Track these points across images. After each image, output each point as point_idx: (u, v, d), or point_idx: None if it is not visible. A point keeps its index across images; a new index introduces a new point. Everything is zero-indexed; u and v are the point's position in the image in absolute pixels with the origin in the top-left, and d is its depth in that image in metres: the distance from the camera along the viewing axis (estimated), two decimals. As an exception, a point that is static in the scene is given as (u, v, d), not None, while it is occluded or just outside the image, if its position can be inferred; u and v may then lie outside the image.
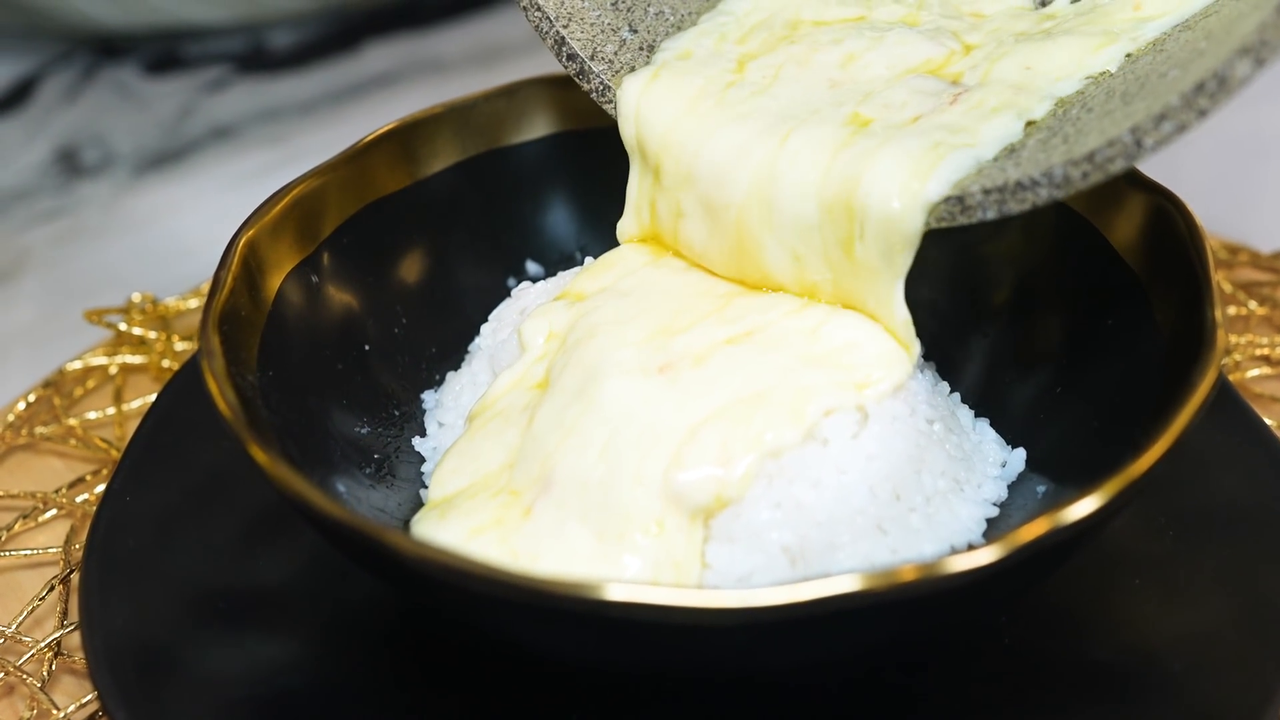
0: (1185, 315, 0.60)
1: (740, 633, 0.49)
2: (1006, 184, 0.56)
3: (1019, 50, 0.63)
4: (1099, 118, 0.56)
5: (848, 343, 0.62)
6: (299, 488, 0.52)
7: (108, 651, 0.59)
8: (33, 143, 1.08)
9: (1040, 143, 0.58)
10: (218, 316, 0.59)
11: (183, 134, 1.10)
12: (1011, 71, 0.62)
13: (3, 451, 0.75)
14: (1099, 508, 0.50)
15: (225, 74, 1.15)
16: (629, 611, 0.48)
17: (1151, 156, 0.53)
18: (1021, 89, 0.61)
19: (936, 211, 0.58)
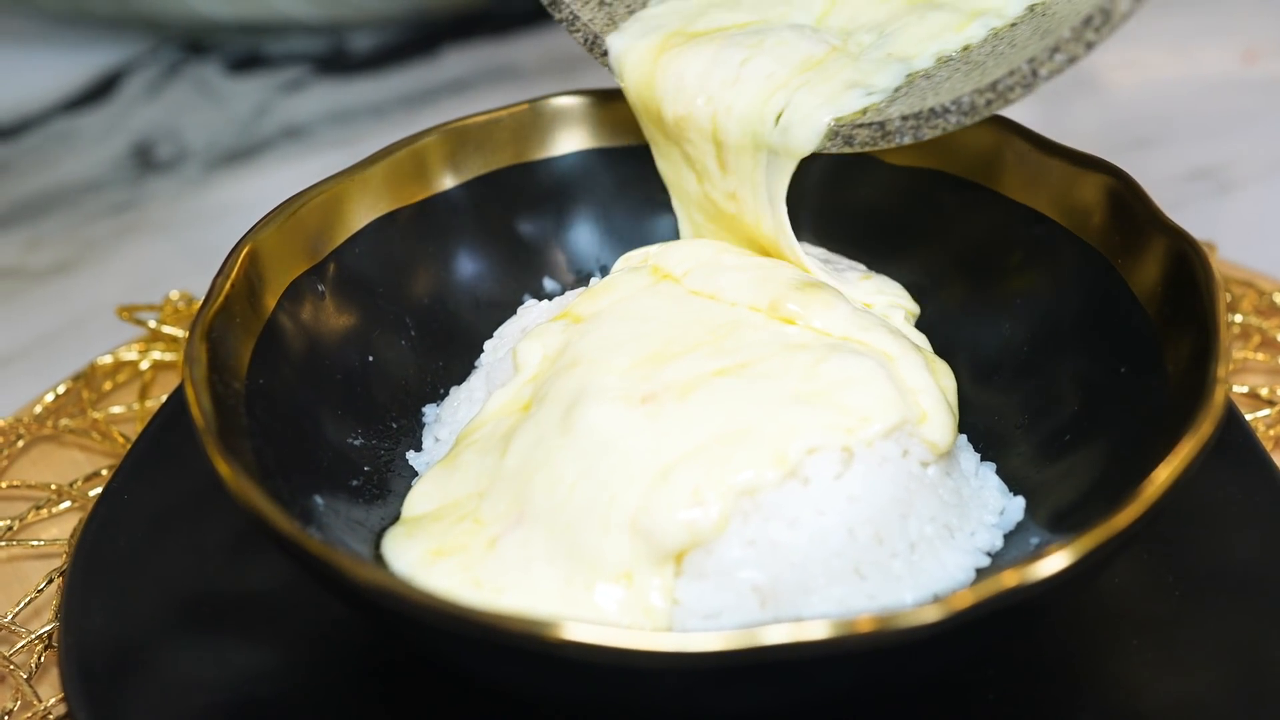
0: (1191, 369, 0.57)
1: (670, 676, 0.48)
2: (922, 111, 0.60)
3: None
4: (1000, 58, 0.61)
5: (845, 380, 0.60)
6: (252, 498, 0.52)
7: (80, 649, 0.59)
8: (111, 136, 1.11)
9: (948, 76, 0.62)
10: (207, 324, 0.60)
11: (256, 133, 1.11)
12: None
13: (28, 441, 0.76)
14: (1042, 578, 0.48)
15: (303, 74, 1.17)
16: (557, 647, 0.47)
17: (1045, 84, 0.57)
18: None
19: (833, 135, 0.63)
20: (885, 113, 0.61)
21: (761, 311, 0.65)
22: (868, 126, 0.62)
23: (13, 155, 1.09)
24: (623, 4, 0.70)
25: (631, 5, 0.70)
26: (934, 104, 0.59)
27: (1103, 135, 1.09)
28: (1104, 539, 0.50)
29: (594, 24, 0.70)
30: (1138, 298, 0.63)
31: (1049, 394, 0.65)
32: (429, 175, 0.71)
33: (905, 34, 0.67)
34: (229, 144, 1.10)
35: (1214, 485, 0.66)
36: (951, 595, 0.47)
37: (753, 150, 0.66)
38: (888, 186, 0.72)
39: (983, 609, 0.48)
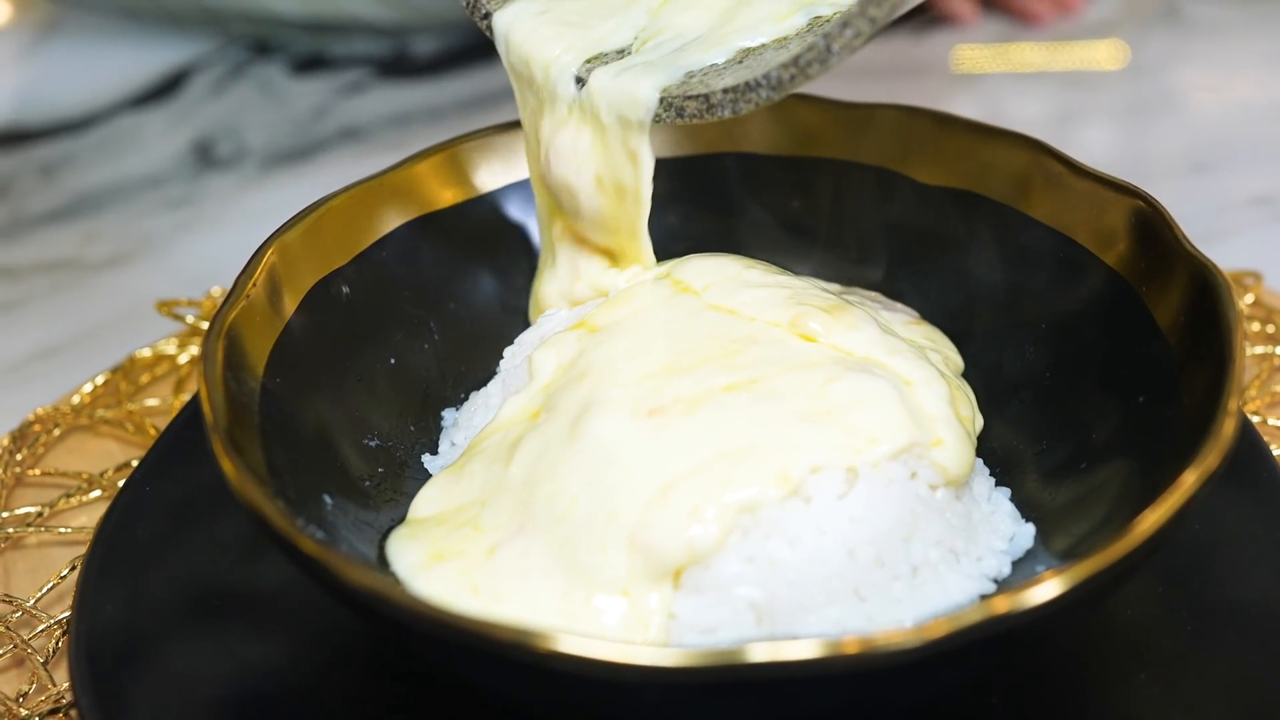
0: (1205, 401, 0.56)
1: (648, 690, 0.48)
2: (739, 85, 0.61)
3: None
4: (802, 39, 0.64)
5: (855, 401, 0.60)
6: (251, 494, 0.53)
7: (90, 636, 0.60)
8: (174, 132, 1.13)
9: (756, 56, 0.64)
10: (226, 323, 0.61)
11: (314, 133, 1.13)
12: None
13: (65, 430, 0.78)
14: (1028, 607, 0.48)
15: (364, 77, 1.18)
16: (534, 656, 0.47)
17: (841, 63, 0.58)
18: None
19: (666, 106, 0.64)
20: (710, 85, 0.63)
21: (782, 328, 0.64)
22: (695, 99, 0.63)
23: (78, 149, 1.11)
24: None
25: None
26: (749, 78, 0.61)
27: (1169, 156, 1.07)
28: (1096, 570, 0.49)
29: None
30: (1160, 327, 0.62)
31: (1067, 421, 0.65)
32: (461, 181, 0.72)
33: (742, 16, 0.67)
34: (287, 144, 1.11)
35: (1236, 520, 0.65)
36: (929, 622, 0.47)
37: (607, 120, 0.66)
38: (919, 205, 0.72)
39: (963, 637, 0.48)
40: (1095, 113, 1.13)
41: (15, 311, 0.96)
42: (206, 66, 1.20)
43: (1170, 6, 1.26)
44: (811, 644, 0.47)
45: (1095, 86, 1.16)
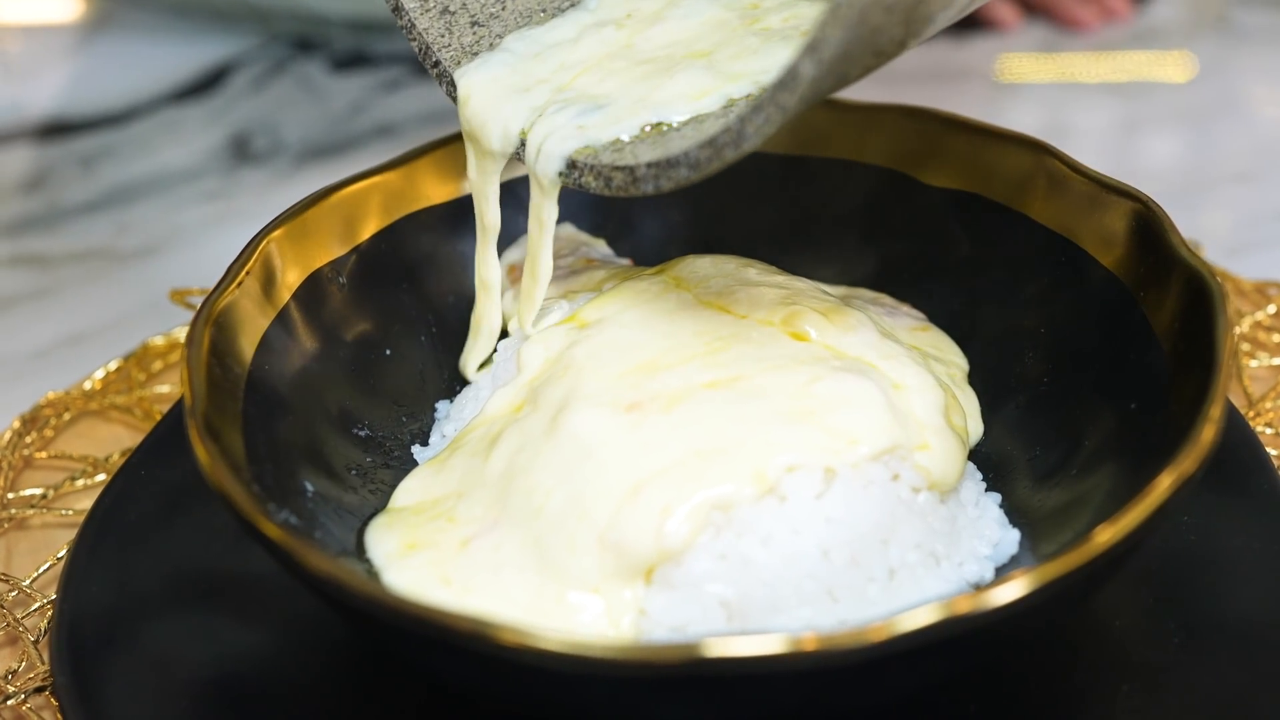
0: (1190, 408, 0.55)
1: (597, 684, 0.47)
2: (660, 161, 0.59)
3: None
4: (716, 119, 0.62)
5: (838, 401, 0.59)
6: (219, 478, 0.53)
7: (74, 616, 0.61)
8: (213, 127, 1.14)
9: (693, 129, 0.62)
10: (216, 309, 0.61)
11: (349, 130, 1.14)
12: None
13: (75, 415, 0.79)
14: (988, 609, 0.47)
15: (403, 75, 1.19)
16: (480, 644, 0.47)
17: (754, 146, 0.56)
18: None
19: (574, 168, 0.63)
20: (636, 156, 0.61)
21: (774, 326, 0.64)
22: (622, 170, 0.61)
23: (118, 141, 1.13)
24: (465, 15, 0.69)
25: (475, 18, 0.69)
26: (672, 153, 0.58)
27: (1213, 164, 1.06)
28: (1060, 573, 0.48)
29: (429, 34, 0.69)
30: (1156, 333, 0.61)
31: (1061, 427, 0.64)
32: (462, 176, 0.72)
33: (659, 91, 0.65)
34: (322, 139, 1.12)
35: (1233, 533, 0.63)
36: (879, 622, 0.46)
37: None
38: (922, 207, 0.71)
39: (920, 637, 0.47)
40: (1149, 122, 1.11)
41: (46, 299, 0.97)
42: (249, 63, 1.21)
43: (1221, 14, 1.24)
44: (757, 640, 0.46)
45: (1144, 96, 1.14)
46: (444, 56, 0.68)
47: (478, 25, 0.69)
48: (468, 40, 0.69)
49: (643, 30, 0.68)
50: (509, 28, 0.69)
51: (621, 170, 0.61)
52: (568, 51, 0.68)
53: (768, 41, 0.65)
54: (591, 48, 0.68)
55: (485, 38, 0.69)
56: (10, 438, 0.76)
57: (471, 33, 0.69)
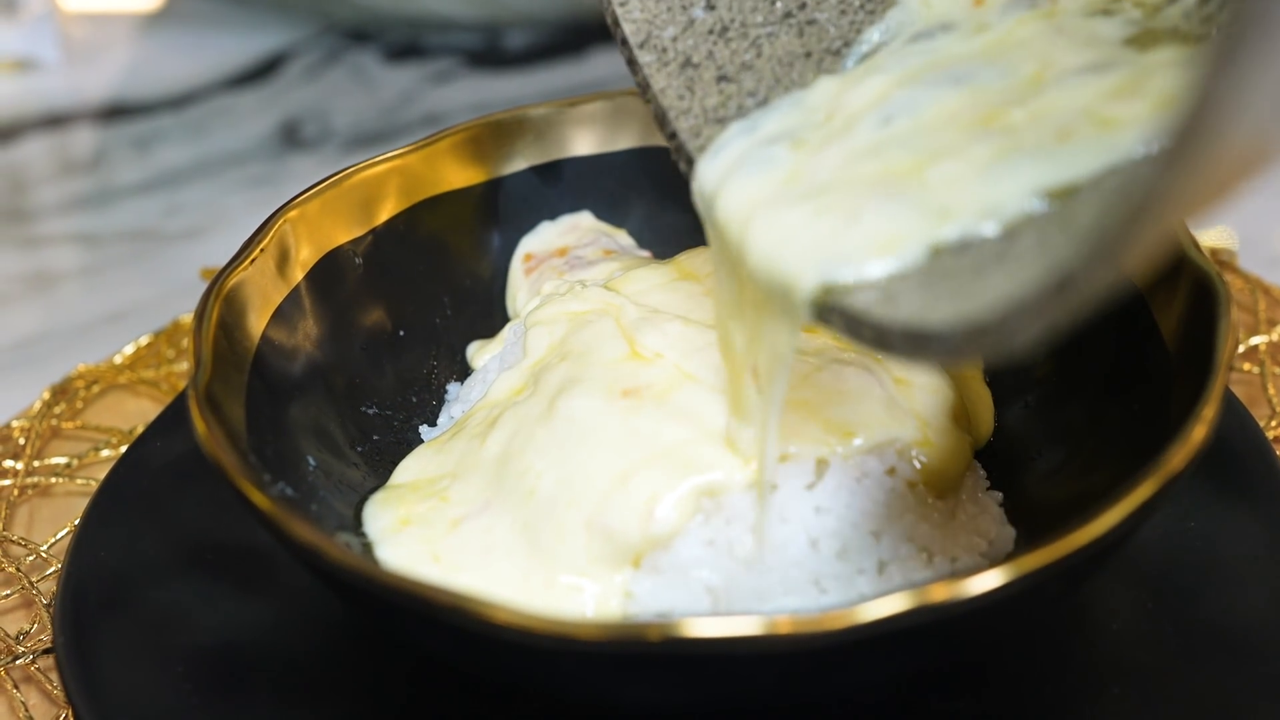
0: (1188, 410, 0.54)
1: (564, 659, 0.48)
2: (918, 331, 0.45)
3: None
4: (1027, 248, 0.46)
5: (836, 392, 0.60)
6: (212, 445, 0.54)
7: (79, 579, 0.63)
8: (265, 113, 1.16)
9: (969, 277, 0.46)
10: (228, 284, 0.62)
11: (398, 119, 1.15)
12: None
13: (104, 387, 0.80)
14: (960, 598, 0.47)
15: (454, 66, 1.20)
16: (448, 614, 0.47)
17: None
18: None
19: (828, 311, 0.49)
20: (894, 307, 0.46)
21: None
22: (871, 325, 0.47)
23: (172, 125, 1.15)
24: (712, 68, 0.57)
25: (723, 71, 0.57)
26: (930, 324, 0.45)
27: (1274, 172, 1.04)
28: (1037, 565, 0.48)
29: (665, 96, 0.58)
30: (1163, 333, 0.60)
31: (1067, 426, 0.63)
32: (483, 161, 0.73)
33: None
34: (371, 128, 1.14)
35: (1239, 539, 0.63)
36: (851, 607, 0.46)
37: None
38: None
39: (893, 624, 0.47)
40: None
41: (93, 277, 0.99)
42: (303, 51, 1.23)
43: None
44: (731, 621, 0.47)
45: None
46: (681, 127, 0.56)
47: (725, 81, 0.57)
48: (712, 102, 0.57)
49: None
50: (763, 82, 0.57)
51: (872, 326, 0.47)
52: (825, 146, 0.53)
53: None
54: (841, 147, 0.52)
55: (734, 98, 0.56)
56: (40, 408, 0.78)
57: (718, 91, 0.57)
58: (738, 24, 0.58)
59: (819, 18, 0.58)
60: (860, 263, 0.48)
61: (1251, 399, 0.74)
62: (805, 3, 0.59)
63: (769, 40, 0.57)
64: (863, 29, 0.58)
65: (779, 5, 0.59)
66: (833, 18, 0.58)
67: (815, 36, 0.57)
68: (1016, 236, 0.47)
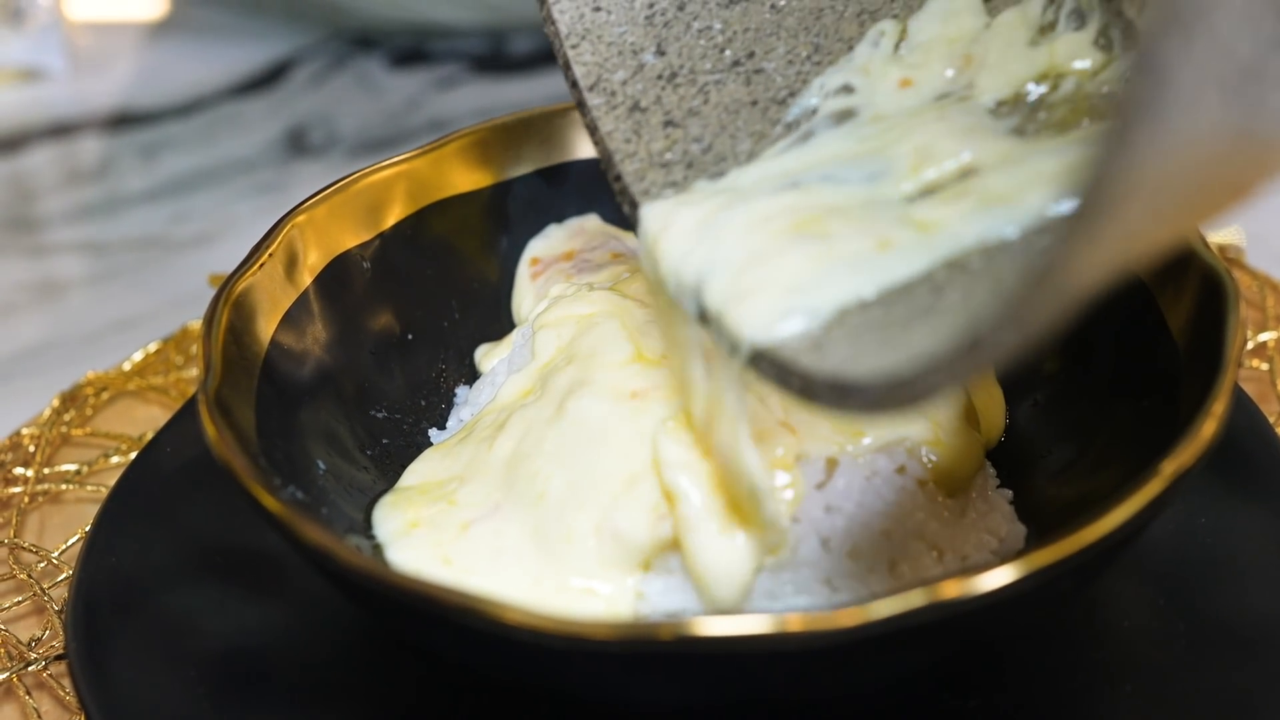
0: (1197, 404, 0.54)
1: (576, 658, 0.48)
2: (840, 381, 0.46)
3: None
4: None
5: (847, 390, 0.59)
6: (224, 450, 0.54)
7: (91, 584, 0.63)
8: (272, 120, 1.16)
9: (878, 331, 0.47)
10: (237, 289, 0.62)
11: (404, 125, 1.15)
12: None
13: (114, 394, 0.81)
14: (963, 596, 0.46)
15: (459, 72, 1.21)
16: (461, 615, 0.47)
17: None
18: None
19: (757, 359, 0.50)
20: (821, 360, 0.47)
21: None
22: (799, 374, 0.47)
23: (179, 133, 1.15)
24: (659, 112, 0.58)
25: (670, 116, 0.59)
26: (850, 375, 0.45)
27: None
28: (1048, 562, 0.48)
29: (613, 139, 0.59)
30: (1172, 330, 0.60)
31: (1077, 423, 0.63)
32: (491, 164, 0.73)
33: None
34: (377, 134, 1.14)
35: (1249, 535, 0.62)
36: (863, 604, 0.46)
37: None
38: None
39: (905, 620, 0.47)
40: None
41: (101, 285, 1.00)
42: (309, 58, 1.23)
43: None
44: (742, 620, 0.47)
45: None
46: (626, 170, 0.57)
47: (671, 126, 0.58)
48: (658, 146, 0.58)
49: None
50: (709, 128, 0.58)
51: (799, 375, 0.47)
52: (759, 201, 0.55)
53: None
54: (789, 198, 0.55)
55: (680, 142, 0.58)
56: (50, 415, 0.78)
57: (664, 136, 0.58)
58: (686, 70, 0.59)
59: (766, 67, 0.59)
60: (793, 314, 0.49)
61: (1261, 395, 0.74)
62: (753, 51, 0.60)
63: (716, 88, 0.59)
64: (809, 79, 0.59)
65: (727, 54, 0.60)
66: (780, 67, 0.59)
67: (762, 85, 0.59)
68: (943, 291, 0.48)
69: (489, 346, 0.71)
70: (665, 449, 0.56)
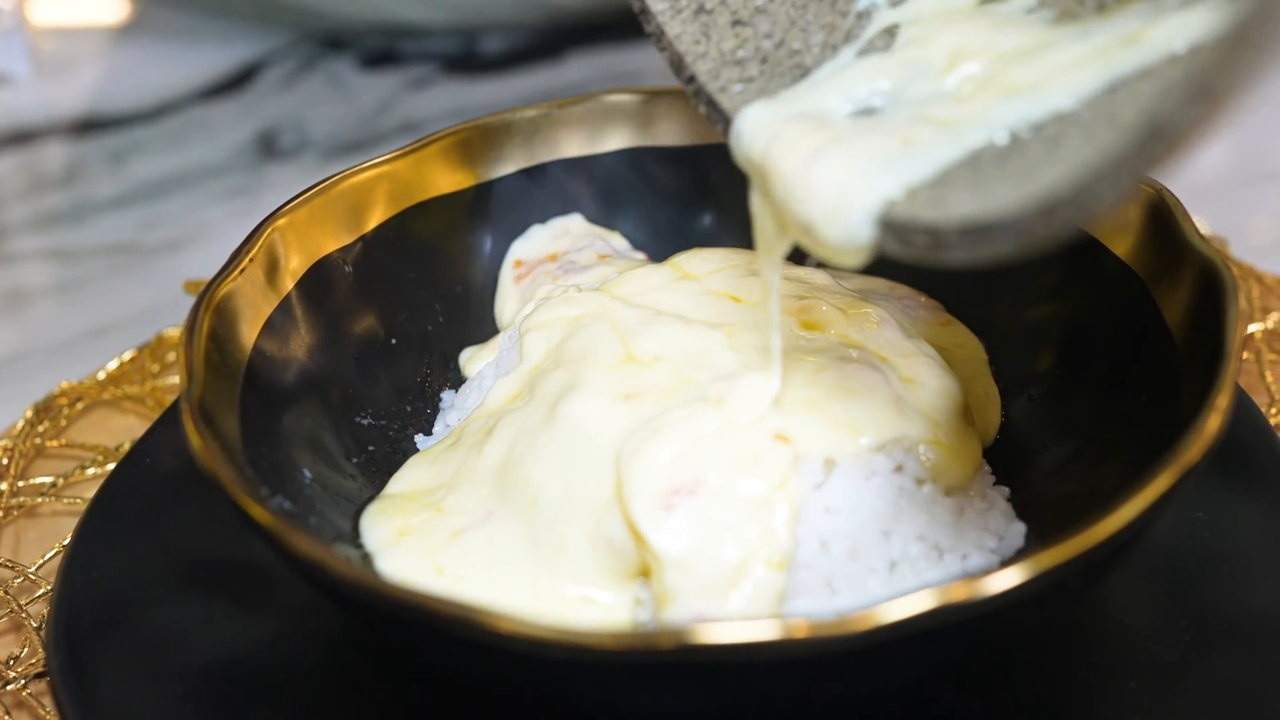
0: (1199, 399, 0.54)
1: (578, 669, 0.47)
2: (978, 223, 0.45)
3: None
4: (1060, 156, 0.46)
5: (843, 391, 0.59)
6: (210, 462, 0.53)
7: (71, 601, 0.61)
8: (241, 124, 1.15)
9: (1021, 163, 0.47)
10: (218, 295, 0.61)
11: (375, 127, 1.14)
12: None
13: (88, 404, 0.79)
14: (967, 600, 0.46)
15: (431, 73, 1.19)
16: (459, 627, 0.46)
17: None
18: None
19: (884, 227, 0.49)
20: (944, 208, 0.46)
21: (790, 315, 0.63)
22: (922, 230, 0.46)
23: (148, 138, 1.13)
24: (725, 13, 0.58)
25: (737, 15, 0.58)
26: (990, 211, 0.44)
27: (1248, 161, 1.04)
28: (1057, 562, 0.47)
29: (681, 41, 0.59)
30: (1168, 323, 0.60)
31: (1073, 419, 0.63)
32: (471, 165, 0.72)
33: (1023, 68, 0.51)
34: (348, 137, 1.12)
35: (1248, 529, 0.62)
36: (869, 610, 0.45)
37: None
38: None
39: (913, 625, 0.46)
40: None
41: (72, 293, 0.98)
42: (278, 61, 1.21)
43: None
44: (748, 627, 0.46)
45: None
46: (700, 70, 0.56)
47: (740, 25, 0.58)
48: (729, 45, 0.57)
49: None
50: (778, 24, 0.57)
51: (923, 231, 0.46)
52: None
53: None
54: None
55: (750, 40, 0.57)
56: (23, 426, 0.76)
57: (733, 35, 0.57)
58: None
59: None
60: (903, 174, 0.48)
61: (1250, 387, 0.74)
62: None
63: None
64: None
65: None
66: None
67: None
68: (1061, 139, 0.47)
69: (474, 350, 0.70)
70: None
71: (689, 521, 0.53)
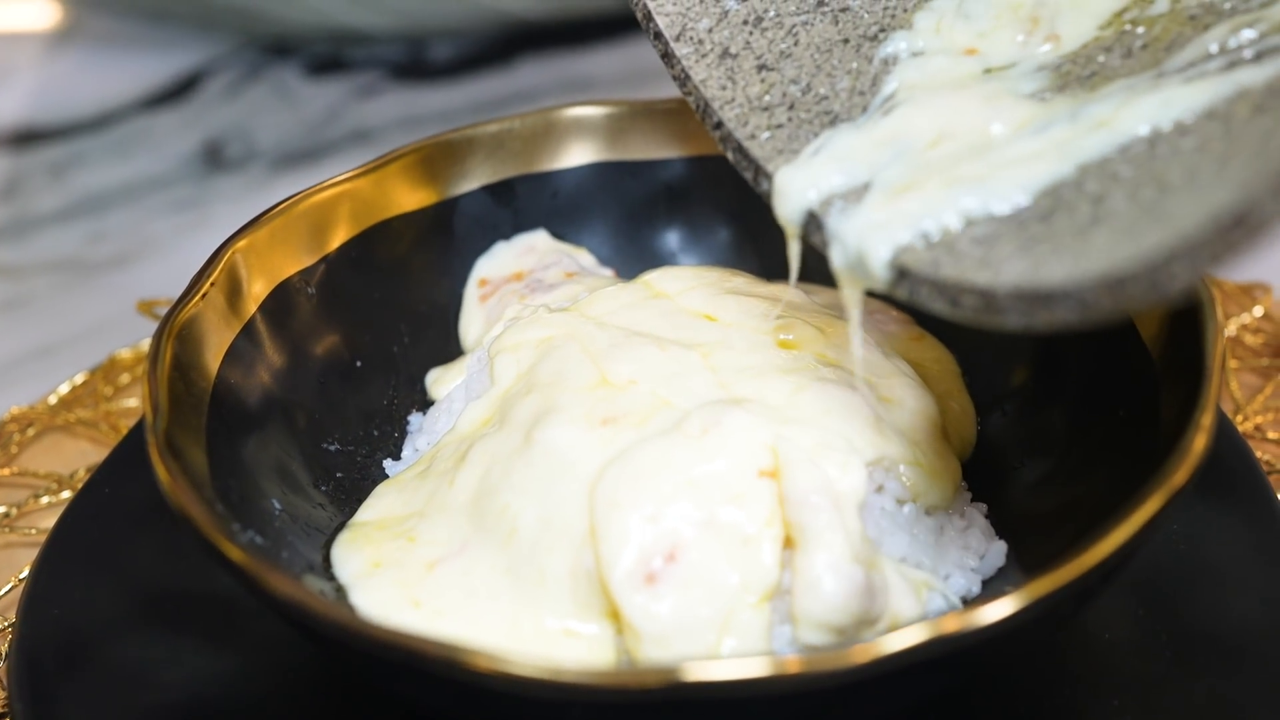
0: (1180, 416, 0.54)
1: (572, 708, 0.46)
2: (1034, 291, 0.45)
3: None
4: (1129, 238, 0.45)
5: (822, 410, 0.58)
6: (179, 496, 0.51)
7: (33, 639, 0.59)
8: (186, 134, 1.12)
9: (1071, 227, 0.46)
10: (179, 323, 0.59)
11: (324, 136, 1.12)
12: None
13: (39, 431, 0.77)
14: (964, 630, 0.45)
15: (379, 80, 1.18)
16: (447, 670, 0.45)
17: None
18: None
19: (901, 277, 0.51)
20: (996, 271, 0.46)
21: (766, 334, 0.62)
22: (974, 292, 0.47)
23: (89, 149, 1.11)
24: (750, 58, 0.58)
25: (762, 60, 0.58)
26: (1049, 283, 0.43)
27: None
28: (1052, 589, 0.47)
29: (708, 86, 0.58)
30: (1144, 340, 0.59)
31: (1048, 436, 0.62)
32: (433, 183, 0.70)
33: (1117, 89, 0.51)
34: (297, 146, 1.11)
35: (1225, 542, 0.62)
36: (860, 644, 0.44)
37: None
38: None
39: (905, 658, 0.45)
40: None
41: (17, 310, 0.96)
42: (222, 68, 1.19)
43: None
44: (739, 663, 0.45)
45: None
46: (727, 116, 0.57)
47: (766, 69, 0.58)
48: (755, 90, 0.57)
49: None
50: (804, 69, 0.58)
51: (974, 293, 0.47)
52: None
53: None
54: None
55: (777, 85, 0.57)
56: (-27, 454, 0.75)
57: (759, 80, 0.57)
58: (772, 14, 0.59)
59: (851, 4, 0.58)
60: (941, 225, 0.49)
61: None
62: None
63: (805, 29, 0.58)
64: (896, 14, 0.58)
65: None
66: (865, 4, 0.58)
67: (850, 23, 0.58)
68: (1104, 200, 0.47)
69: (440, 370, 0.69)
70: None
71: (670, 591, 0.52)
